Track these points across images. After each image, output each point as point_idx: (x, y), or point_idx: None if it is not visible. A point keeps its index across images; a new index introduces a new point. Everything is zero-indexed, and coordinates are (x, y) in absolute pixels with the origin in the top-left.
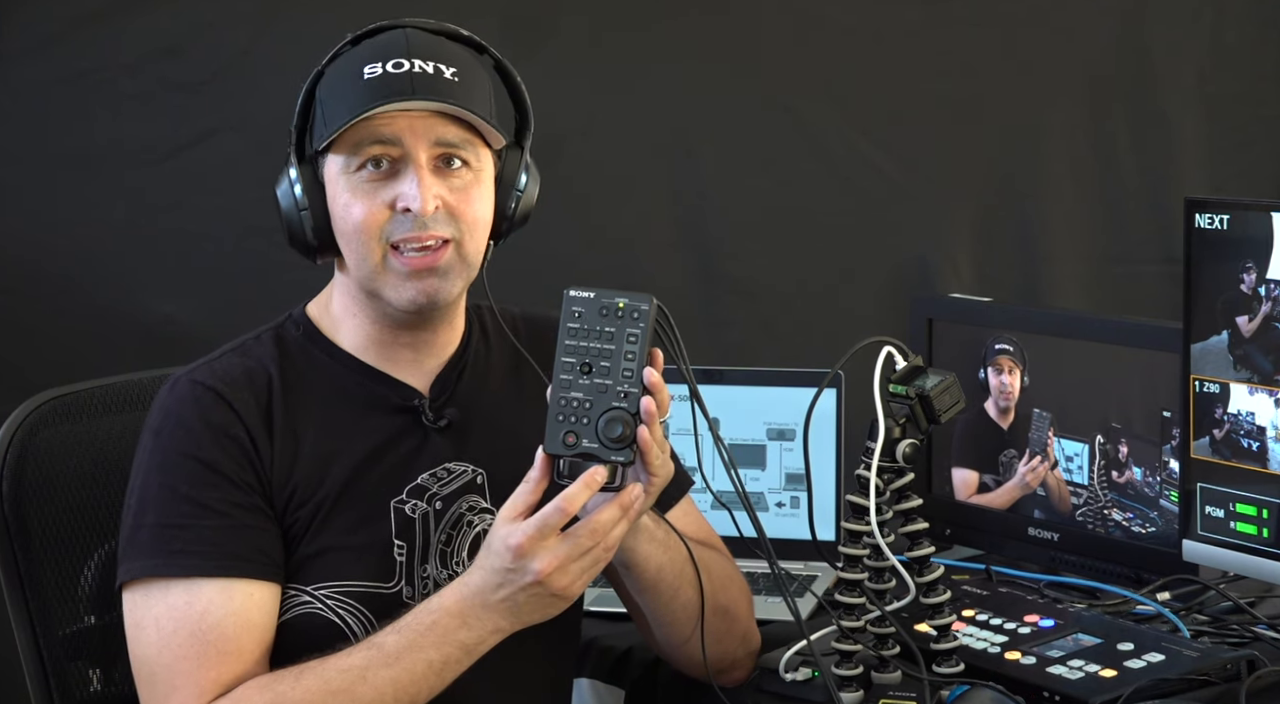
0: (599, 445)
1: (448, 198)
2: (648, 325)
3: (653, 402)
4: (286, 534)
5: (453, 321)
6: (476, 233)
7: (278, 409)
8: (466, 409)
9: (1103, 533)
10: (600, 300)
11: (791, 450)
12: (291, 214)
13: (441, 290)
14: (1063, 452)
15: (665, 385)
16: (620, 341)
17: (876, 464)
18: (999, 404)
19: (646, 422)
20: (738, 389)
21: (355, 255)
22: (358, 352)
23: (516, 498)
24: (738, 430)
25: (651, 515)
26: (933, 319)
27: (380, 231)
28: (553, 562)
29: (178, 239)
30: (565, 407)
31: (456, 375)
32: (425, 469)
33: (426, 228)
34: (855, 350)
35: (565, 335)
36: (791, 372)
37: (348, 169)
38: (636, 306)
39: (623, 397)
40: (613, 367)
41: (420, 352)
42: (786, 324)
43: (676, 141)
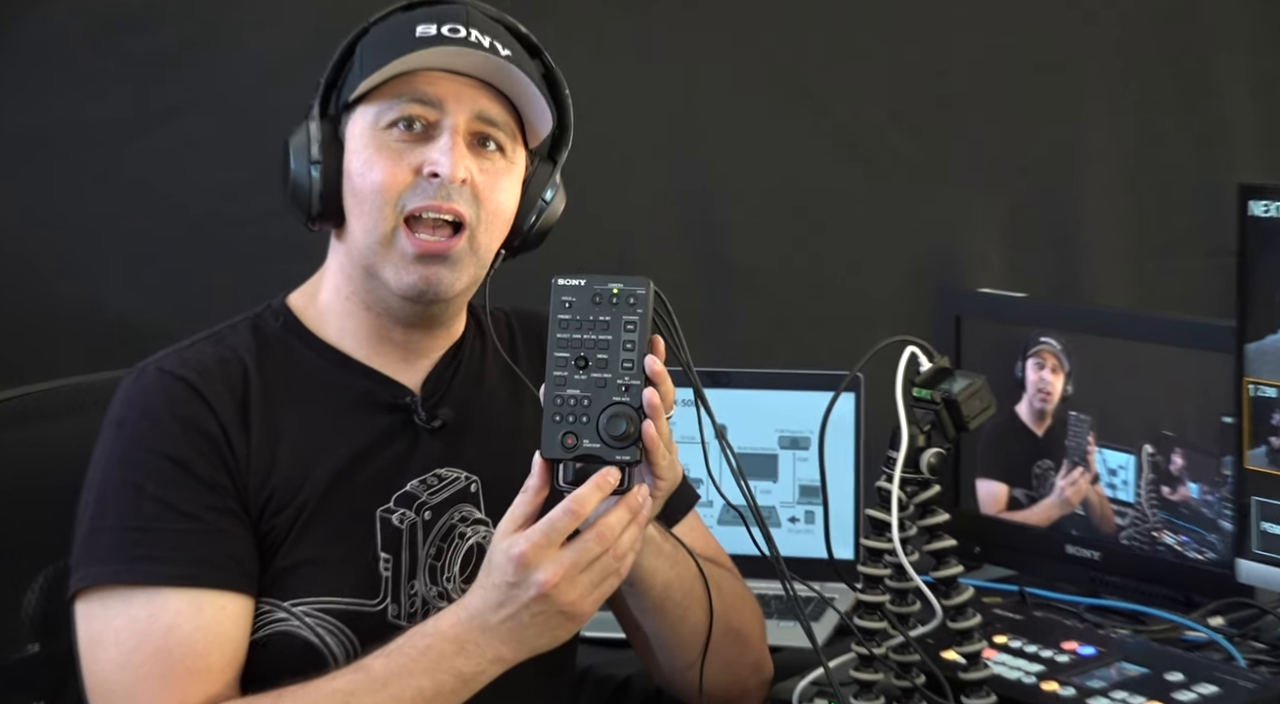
0: (601, 445)
1: (476, 176)
2: (646, 311)
3: (656, 393)
4: (262, 543)
5: (449, 326)
6: (494, 226)
7: (255, 404)
8: (461, 410)
9: (1149, 551)
10: (593, 287)
11: (805, 460)
12: (300, 170)
13: (445, 281)
14: (1105, 464)
15: (668, 375)
16: (617, 331)
17: (899, 475)
18: (1034, 405)
19: (651, 415)
20: (746, 393)
21: (364, 221)
22: (344, 346)
23: (515, 510)
24: (747, 438)
25: (658, 527)
26: (961, 316)
27: (398, 198)
28: (558, 572)
29: (141, 227)
30: (562, 406)
31: (451, 373)
32: (415, 475)
33: (450, 198)
34: (876, 351)
35: (556, 328)
36: (805, 374)
37: (377, 124)
38: (632, 291)
39: (624, 390)
40: (611, 358)
41: (412, 350)
42: (800, 322)
43: (681, 123)
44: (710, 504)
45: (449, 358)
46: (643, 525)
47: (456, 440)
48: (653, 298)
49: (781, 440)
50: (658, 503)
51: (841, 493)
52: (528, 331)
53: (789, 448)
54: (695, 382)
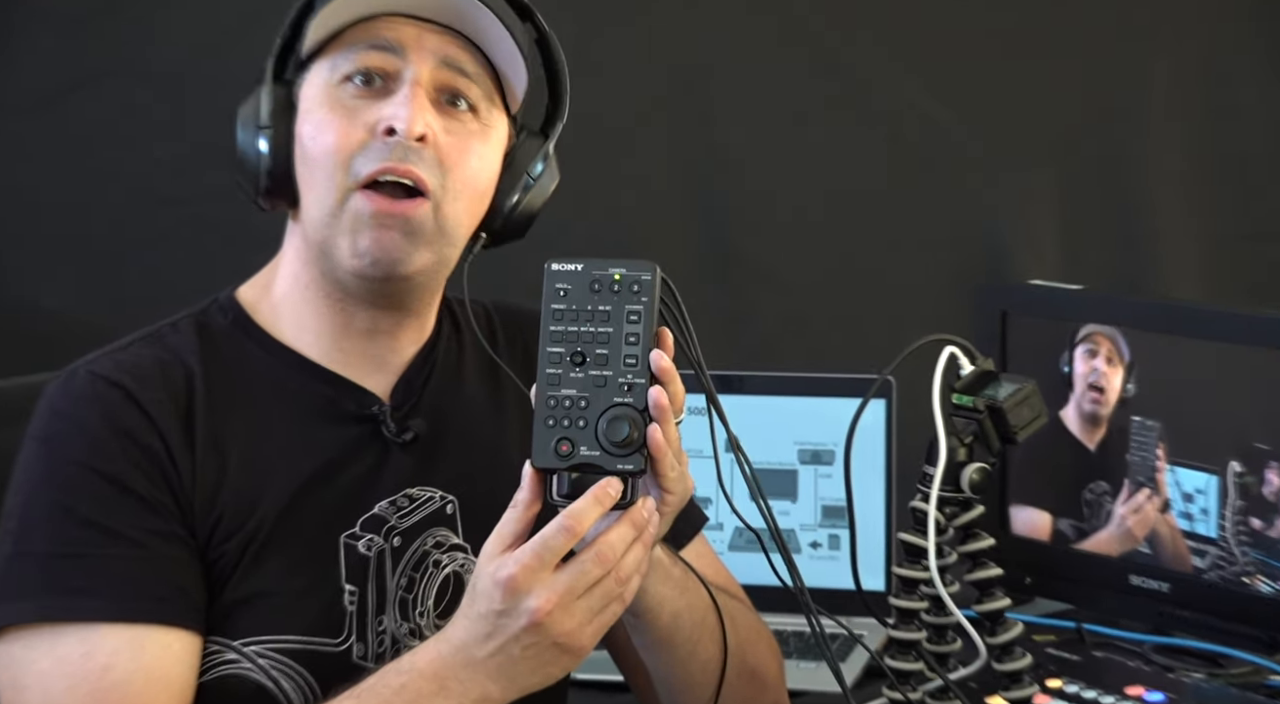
0: (601, 453)
1: (440, 137)
2: (652, 300)
3: (663, 393)
4: (209, 573)
5: (420, 314)
6: (462, 199)
7: (200, 413)
8: (436, 419)
9: (1230, 584)
10: (590, 273)
11: (829, 477)
12: (248, 140)
13: (401, 251)
14: (1179, 486)
15: (677, 373)
16: (619, 322)
17: (937, 494)
18: (1084, 407)
19: (657, 418)
20: (761, 400)
21: (315, 191)
22: (302, 346)
23: (503, 528)
24: (762, 451)
25: (665, 550)
26: (1007, 312)
27: (350, 161)
28: (552, 597)
29: (64, 208)
30: (556, 408)
31: (424, 377)
32: (384, 495)
33: (405, 158)
34: (910, 351)
35: (550, 319)
36: (829, 378)
37: (331, 79)
38: (636, 277)
39: (626, 390)
40: (611, 354)
41: (380, 346)
42: (822, 319)
43: (686, 91)
44: (720, 527)
45: (421, 360)
46: (649, 545)
47: (431, 455)
48: (659, 285)
49: (802, 454)
50: (666, 520)
51: (871, 514)
52: (511, 328)
53: (810, 463)
54: (707, 382)
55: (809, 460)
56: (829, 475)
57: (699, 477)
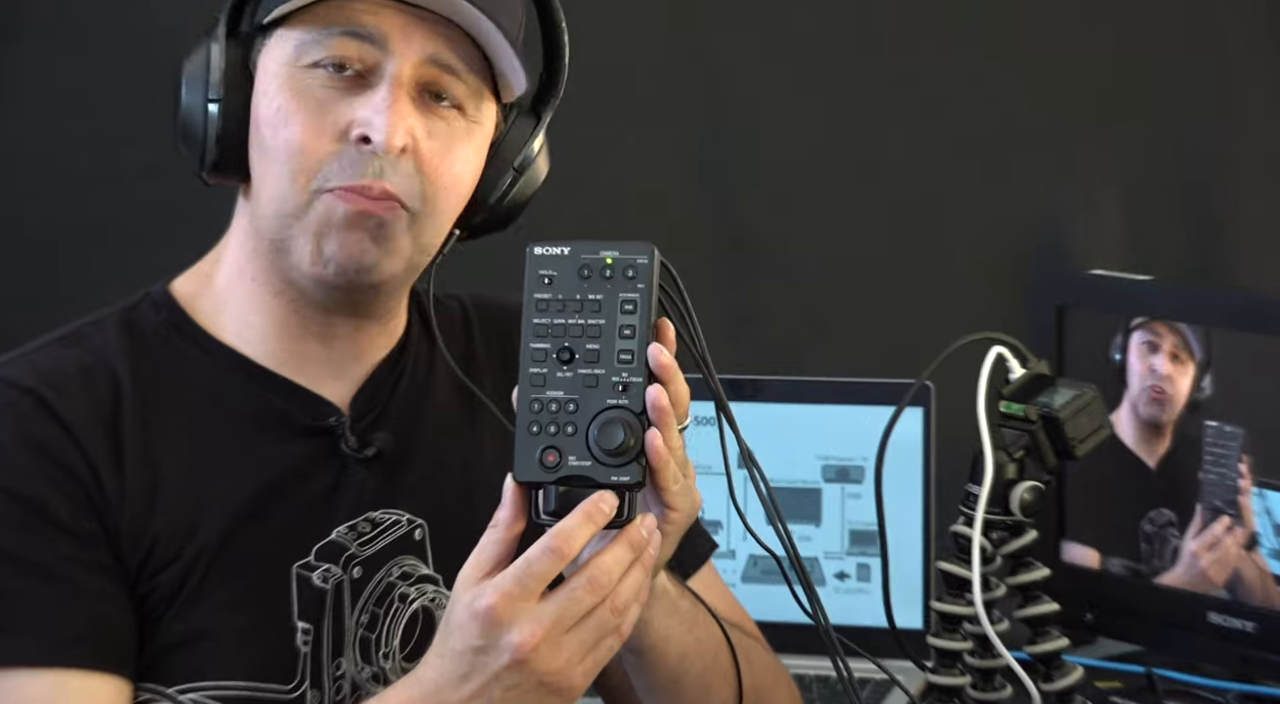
0: (593, 463)
1: (422, 142)
2: (649, 287)
3: (663, 393)
4: (141, 610)
5: (385, 320)
6: (445, 209)
7: (128, 424)
8: (403, 433)
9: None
10: (580, 257)
11: (858, 497)
12: (194, 105)
13: (371, 258)
14: (1269, 514)
15: (680, 371)
16: (612, 312)
17: (982, 517)
18: (1142, 411)
19: (657, 422)
20: (780, 408)
21: (272, 188)
22: (248, 347)
23: (482, 552)
24: (781, 466)
25: (671, 578)
26: (1064, 306)
27: (316, 168)
28: (537, 631)
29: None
30: (541, 413)
31: (390, 385)
32: (343, 519)
33: (381, 175)
34: (951, 352)
35: (533, 311)
36: (857, 383)
37: (298, 60)
38: (631, 261)
39: (621, 390)
40: (604, 350)
41: (338, 350)
42: (849, 315)
43: (692, 56)
44: (732, 555)
45: (388, 365)
46: (649, 570)
47: (397, 473)
48: (658, 269)
49: (826, 471)
50: (669, 541)
51: (906, 540)
52: (492, 327)
53: (836, 480)
54: (714, 383)
55: (834, 478)
56: (858, 495)
57: (708, 497)
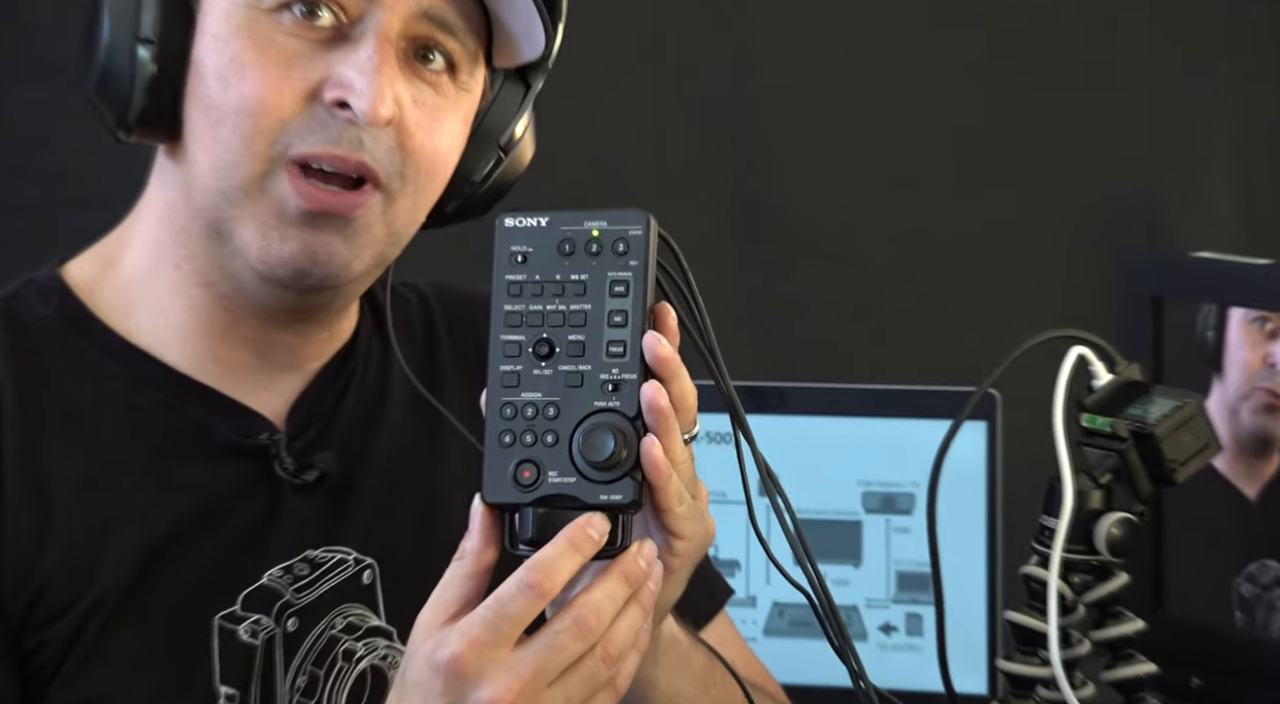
0: (578, 479)
1: (407, 113)
2: (644, 263)
3: (662, 392)
4: (26, 668)
5: (334, 322)
6: (427, 189)
7: (8, 445)
8: (351, 453)
9: None
10: (560, 229)
11: (907, 532)
12: (119, 46)
13: (338, 258)
14: None
15: (683, 366)
16: (599, 295)
17: (1061, 556)
18: (1247, 419)
19: (655, 427)
20: (810, 422)
21: (217, 154)
22: (164, 349)
23: (445, 590)
24: (812, 494)
25: (681, 626)
26: (1162, 298)
27: (279, 130)
28: (513, 685)
29: None
30: (515, 419)
31: (335, 394)
32: (276, 559)
33: (361, 146)
34: (1021, 353)
35: (504, 296)
36: (906, 392)
37: (261, 1)
38: (622, 233)
39: (611, 390)
40: (590, 341)
41: (275, 355)
42: (895, 310)
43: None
44: (751, 603)
45: (333, 370)
46: (649, 610)
47: (342, 502)
48: (655, 242)
49: (868, 499)
50: (675, 578)
51: (967, 585)
52: (458, 323)
53: (879, 510)
54: (725, 383)
55: (878, 508)
56: (906, 529)
57: (724, 532)
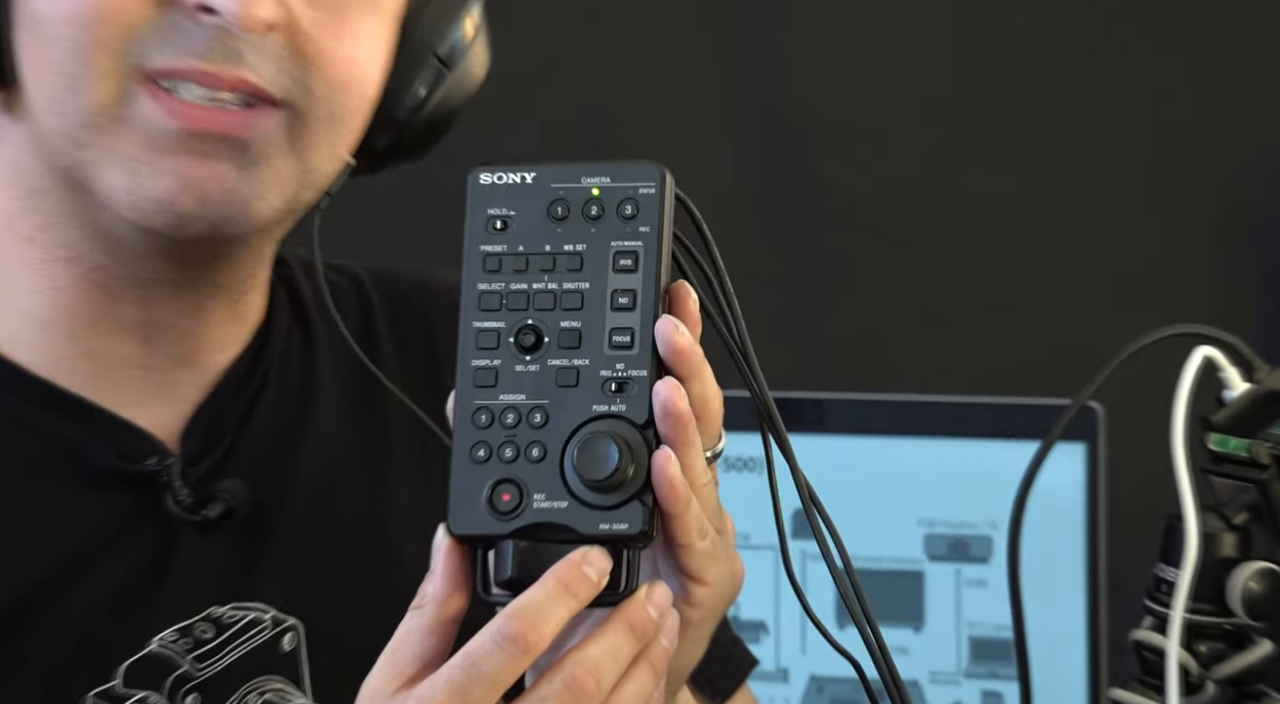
0: (571, 503)
1: (301, 13)
2: (657, 229)
3: (680, 392)
4: None
5: (237, 297)
6: (342, 110)
7: None
8: (265, 479)
9: None
10: (549, 187)
11: (983, 585)
12: None
13: (236, 200)
14: None
15: (706, 362)
16: (601, 271)
17: (1184, 616)
18: None
19: (670, 438)
20: (858, 444)
21: (51, 82)
22: (18, 348)
23: (400, 646)
24: (858, 538)
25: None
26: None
27: (124, 39)
28: None
29: None
30: (490, 428)
31: (245, 403)
32: (171, 619)
33: (240, 59)
34: (1128, 356)
35: (479, 271)
36: (981, 406)
37: None
38: (630, 191)
39: (614, 390)
40: (588, 328)
41: (164, 349)
42: (959, 303)
43: None
44: (783, 676)
45: (242, 371)
46: (661, 672)
47: (255, 545)
48: (672, 203)
49: (931, 544)
50: (694, 635)
51: (1062, 653)
52: (405, 315)
53: (947, 558)
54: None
55: (945, 554)
56: (982, 582)
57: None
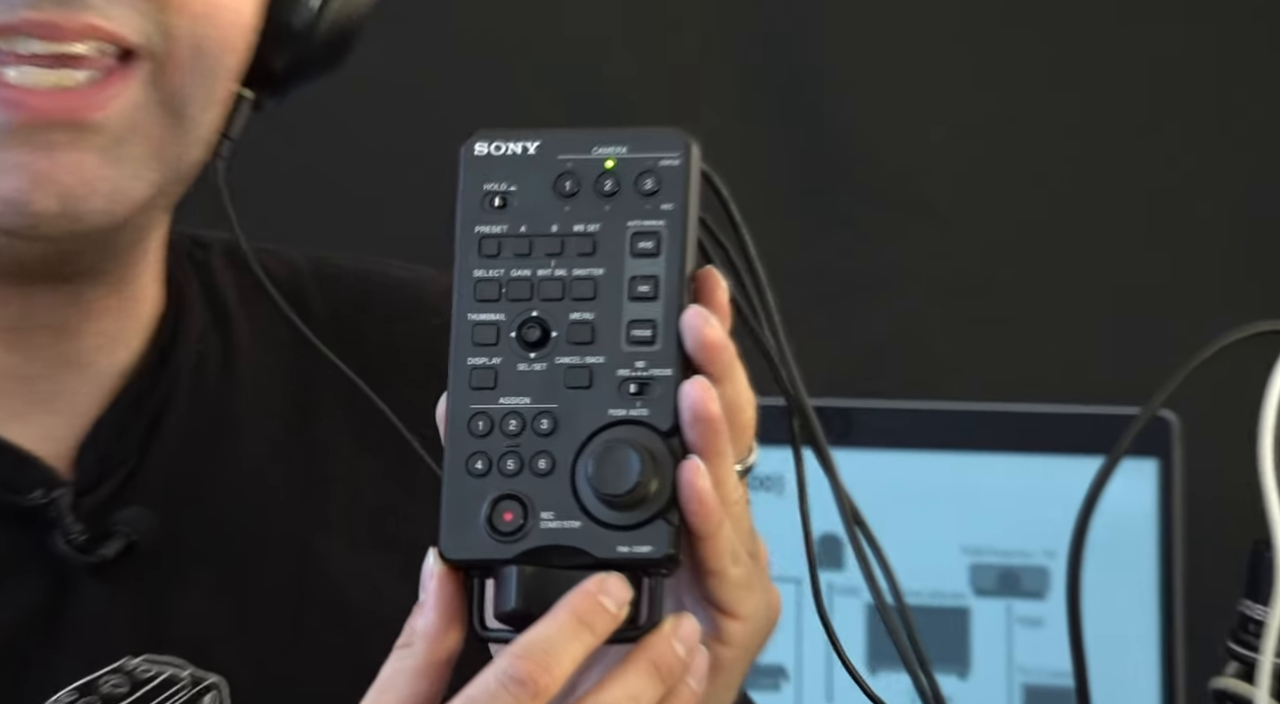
0: (585, 523)
1: None
2: (683, 207)
3: (711, 393)
4: None
5: (123, 283)
6: (213, 47)
7: None
8: (178, 508)
9: None
10: (556, 158)
11: (1039, 626)
12: None
13: (103, 189)
14: None
15: (739, 361)
16: (616, 254)
17: (1272, 661)
18: None
19: (700, 446)
20: (890, 459)
21: None
22: None
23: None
24: (899, 567)
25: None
26: None
27: None
28: None
29: None
30: (489, 436)
31: (149, 420)
32: (67, 676)
33: (80, 2)
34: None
35: (474, 256)
36: (1037, 416)
37: None
38: (650, 162)
39: (633, 392)
40: (602, 320)
41: (43, 347)
42: (1010, 296)
43: None
44: None
45: (143, 380)
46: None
47: (167, 587)
48: (699, 177)
49: (978, 576)
50: (725, 679)
51: (1131, 701)
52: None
53: (995, 592)
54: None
55: (993, 589)
56: (1037, 621)
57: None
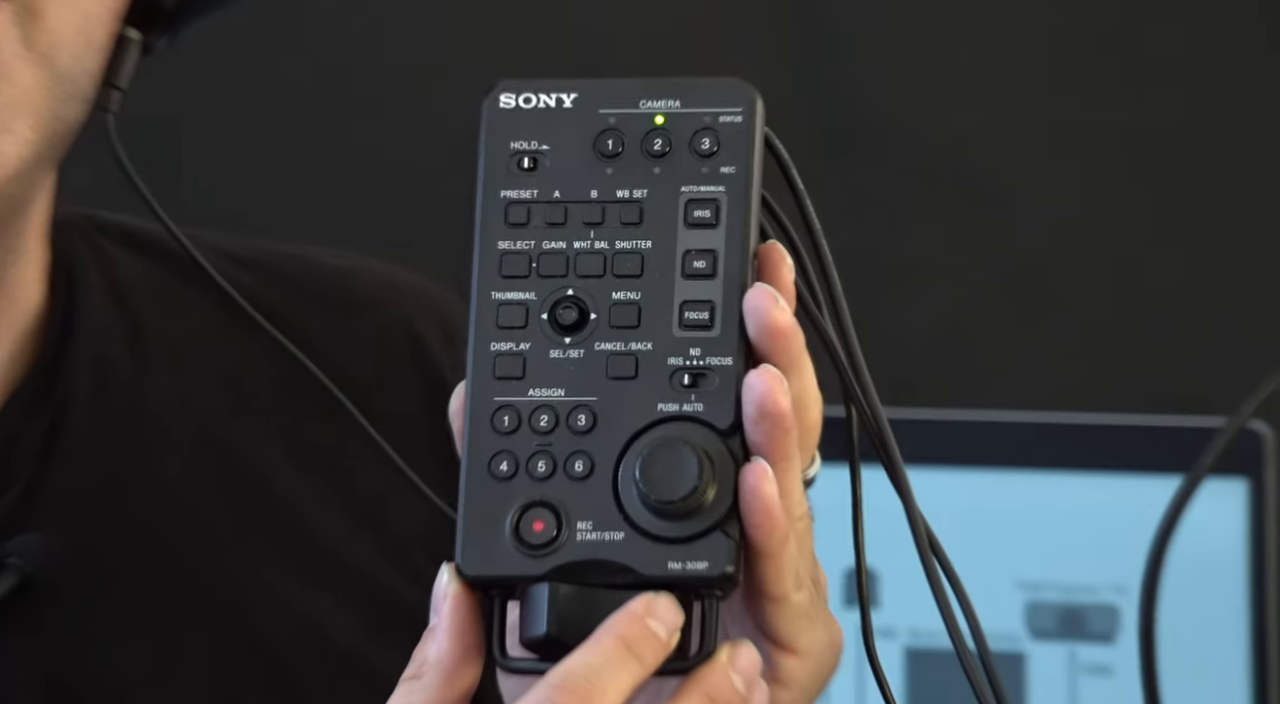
0: (629, 534)
1: None
2: (746, 170)
3: (782, 387)
4: None
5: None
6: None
7: None
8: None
9: None
10: (597, 112)
11: (1109, 675)
12: None
13: None
14: None
15: (806, 351)
16: (667, 225)
17: None
18: None
19: (764, 448)
20: (932, 479)
21: None
22: None
23: None
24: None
25: None
26: None
27: None
28: None
29: None
30: (514, 434)
31: (45, 430)
32: None
33: None
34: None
35: (500, 225)
36: (1105, 430)
37: None
38: (710, 118)
39: (686, 382)
40: (650, 301)
41: None
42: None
43: None
44: None
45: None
46: None
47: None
48: (762, 138)
49: (1035, 615)
50: None
51: None
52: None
53: (1056, 635)
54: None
55: (1054, 630)
56: (1105, 669)
57: None
